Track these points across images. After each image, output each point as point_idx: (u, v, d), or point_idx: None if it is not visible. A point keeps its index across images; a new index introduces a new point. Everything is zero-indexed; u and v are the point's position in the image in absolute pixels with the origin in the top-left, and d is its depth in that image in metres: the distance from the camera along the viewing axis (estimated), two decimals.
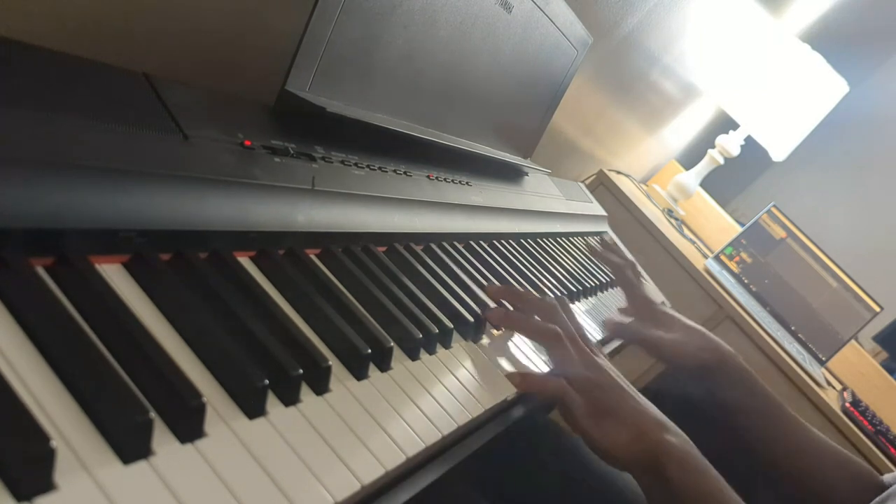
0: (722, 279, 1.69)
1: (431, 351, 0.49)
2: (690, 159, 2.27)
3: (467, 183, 0.76)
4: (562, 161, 1.65)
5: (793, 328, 1.84)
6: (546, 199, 1.01)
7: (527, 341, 0.61)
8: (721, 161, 2.03)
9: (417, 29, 0.60)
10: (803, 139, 1.99)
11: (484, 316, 0.57)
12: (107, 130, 0.35)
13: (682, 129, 2.34)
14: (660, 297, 1.24)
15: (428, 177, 0.67)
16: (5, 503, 0.22)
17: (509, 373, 0.54)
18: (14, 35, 0.35)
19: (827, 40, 2.17)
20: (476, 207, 0.74)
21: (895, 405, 2.04)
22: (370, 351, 0.41)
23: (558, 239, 1.00)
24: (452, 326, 0.52)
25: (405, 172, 0.63)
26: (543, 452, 0.83)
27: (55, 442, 0.24)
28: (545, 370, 0.59)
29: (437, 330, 0.50)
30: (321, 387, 0.38)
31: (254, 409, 0.33)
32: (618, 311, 0.88)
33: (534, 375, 0.55)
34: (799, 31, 2.26)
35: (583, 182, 1.55)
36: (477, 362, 0.53)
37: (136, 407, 0.27)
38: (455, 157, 0.75)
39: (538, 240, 0.92)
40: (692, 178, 2.07)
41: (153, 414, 0.27)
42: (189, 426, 0.29)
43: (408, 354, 0.47)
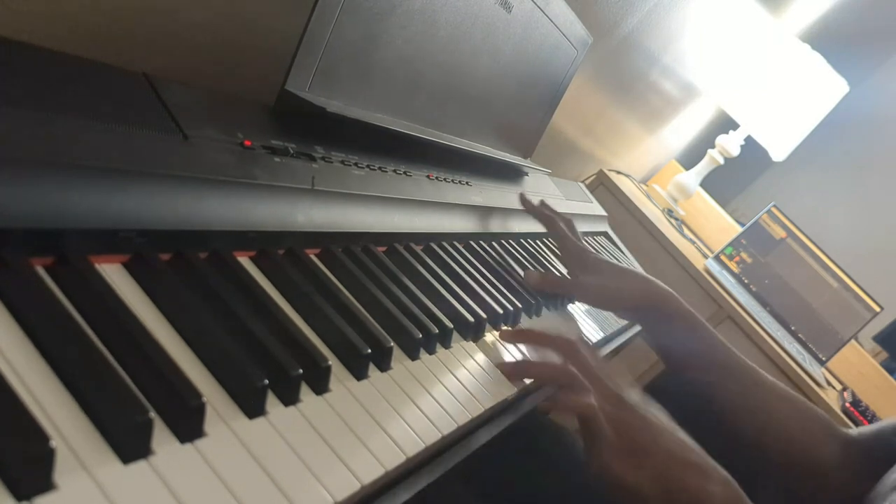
0: (722, 279, 1.69)
1: (431, 351, 0.49)
2: (690, 159, 2.27)
3: (467, 183, 0.76)
4: (562, 161, 1.65)
5: (793, 328, 1.84)
6: (546, 199, 1.01)
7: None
8: (721, 161, 2.03)
9: (417, 29, 0.60)
10: (803, 139, 1.99)
11: (502, 371, 0.53)
12: (107, 130, 0.35)
13: (682, 129, 2.34)
14: None
15: (428, 177, 0.67)
16: (5, 503, 0.22)
17: (518, 362, 0.52)
18: (14, 35, 0.35)
19: (827, 40, 2.17)
20: (476, 207, 0.74)
21: (895, 405, 2.04)
22: (370, 351, 0.41)
23: None
24: (452, 326, 0.52)
25: (405, 172, 0.63)
26: (543, 453, 0.83)
27: (55, 442, 0.24)
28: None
29: (437, 330, 0.50)
30: (321, 387, 0.38)
31: (254, 409, 0.33)
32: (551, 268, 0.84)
33: (551, 366, 0.52)
34: (799, 31, 2.26)
35: (583, 182, 1.55)
36: (477, 362, 0.53)
37: (136, 407, 0.27)
38: (455, 157, 0.75)
39: (538, 239, 0.92)
40: (692, 178, 2.07)
41: (153, 414, 0.27)
42: (189, 426, 0.29)
43: (408, 354, 0.47)
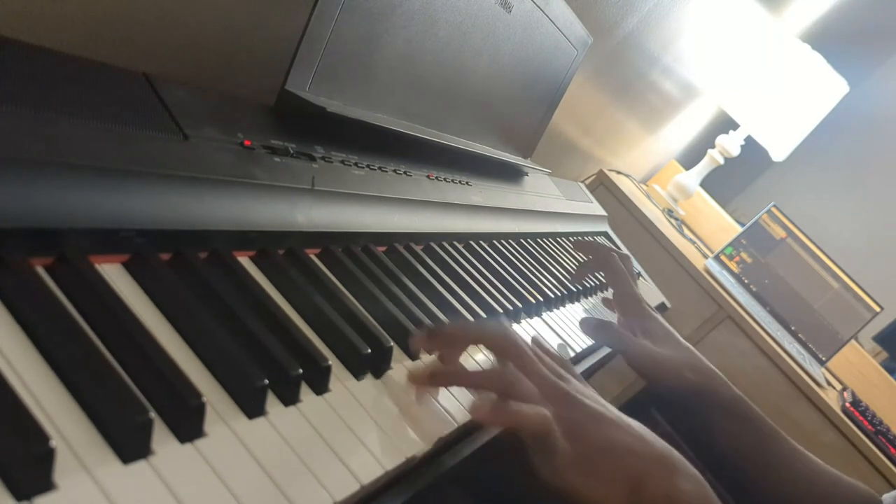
0: (722, 279, 1.69)
1: (431, 351, 0.49)
2: (690, 159, 2.28)
3: (467, 183, 0.76)
4: (562, 161, 1.65)
5: (793, 328, 1.84)
6: (546, 199, 1.01)
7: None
8: (721, 161, 2.03)
9: (417, 29, 0.60)
10: (803, 139, 1.99)
11: (412, 383, 0.44)
12: (107, 130, 0.35)
13: (682, 129, 2.34)
14: (660, 298, 1.24)
15: (428, 177, 0.67)
16: (5, 503, 0.22)
17: (472, 404, 0.42)
18: (14, 35, 0.35)
19: (827, 40, 2.17)
20: (476, 207, 0.74)
21: (895, 405, 2.04)
22: (370, 351, 0.41)
23: (558, 239, 1.00)
24: None
25: (405, 172, 0.63)
26: None
27: (55, 442, 0.24)
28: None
29: None
30: (321, 387, 0.38)
31: (254, 409, 0.33)
32: (603, 305, 0.80)
33: (516, 406, 0.42)
34: (799, 31, 2.26)
35: (583, 182, 1.55)
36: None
37: (136, 407, 0.27)
38: (455, 157, 0.75)
39: (538, 240, 0.92)
40: (692, 178, 2.07)
41: (153, 414, 0.27)
42: (189, 426, 0.29)
43: (408, 354, 0.47)
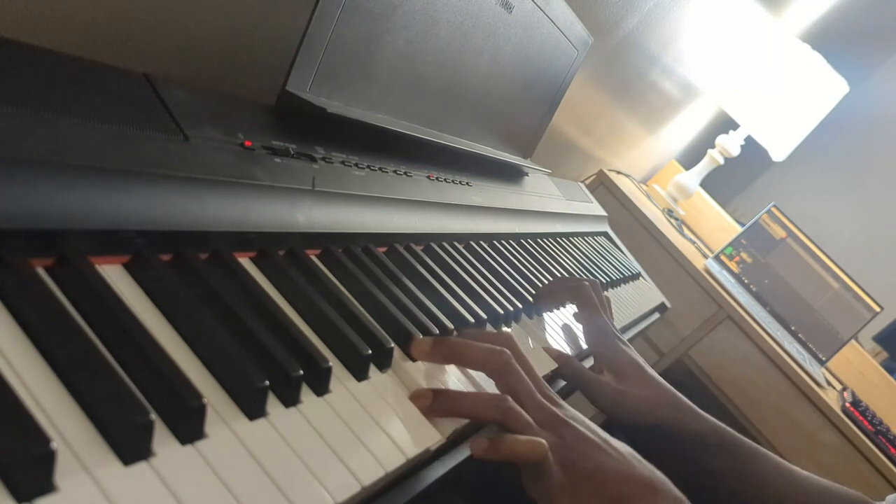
0: (722, 279, 1.69)
1: (432, 362, 0.49)
2: (690, 159, 2.28)
3: (467, 183, 0.76)
4: (562, 161, 1.65)
5: (793, 328, 1.84)
6: (546, 199, 1.01)
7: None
8: (721, 161, 2.03)
9: (418, 29, 0.60)
10: (803, 139, 1.99)
11: (416, 405, 0.43)
12: (107, 131, 0.35)
13: (682, 129, 2.34)
14: (660, 298, 1.24)
15: (428, 177, 0.67)
16: None
17: (472, 441, 0.43)
18: (14, 35, 0.35)
19: (827, 40, 2.17)
20: (476, 207, 0.74)
21: (895, 405, 2.04)
22: (370, 351, 0.41)
23: (558, 239, 1.00)
24: (452, 327, 0.52)
25: (405, 173, 0.63)
26: None
27: (55, 443, 0.23)
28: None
29: (438, 331, 0.50)
30: (321, 387, 0.37)
31: (254, 410, 0.33)
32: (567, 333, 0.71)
33: (513, 440, 0.42)
34: (799, 31, 2.26)
35: (583, 182, 1.55)
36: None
37: (137, 408, 0.27)
38: (455, 158, 0.75)
39: (538, 240, 0.92)
40: (692, 178, 2.07)
41: (153, 415, 0.27)
42: (189, 427, 0.29)
43: (408, 355, 0.47)
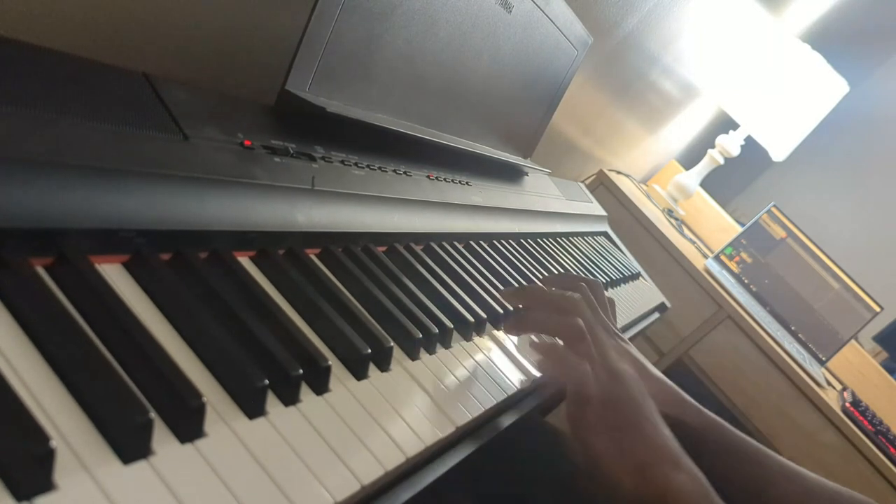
0: (722, 279, 1.69)
1: (431, 351, 0.49)
2: (690, 159, 2.28)
3: (467, 183, 0.76)
4: (562, 161, 1.65)
5: (793, 328, 1.84)
6: (546, 199, 1.01)
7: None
8: (721, 161, 2.03)
9: (418, 29, 0.60)
10: (803, 139, 1.99)
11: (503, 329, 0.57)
12: (107, 130, 0.35)
13: (682, 129, 2.34)
14: (660, 298, 1.24)
15: (428, 177, 0.67)
16: (5, 503, 0.22)
17: (538, 358, 0.55)
18: (14, 35, 0.35)
19: (827, 40, 2.17)
20: (476, 207, 0.74)
21: (895, 405, 2.04)
22: (370, 351, 0.41)
23: (558, 239, 1.00)
24: (452, 326, 0.52)
25: (405, 172, 0.63)
26: (542, 457, 0.83)
27: (55, 442, 0.24)
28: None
29: (437, 330, 0.50)
30: (321, 387, 0.38)
31: (254, 409, 0.33)
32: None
33: (570, 360, 0.52)
34: (799, 31, 2.26)
35: (583, 182, 1.55)
36: (477, 363, 0.53)
37: (137, 407, 0.27)
38: (455, 157, 0.75)
39: (538, 240, 0.92)
40: (692, 178, 2.07)
41: (153, 414, 0.27)
42: (189, 426, 0.29)
43: (408, 354, 0.47)
